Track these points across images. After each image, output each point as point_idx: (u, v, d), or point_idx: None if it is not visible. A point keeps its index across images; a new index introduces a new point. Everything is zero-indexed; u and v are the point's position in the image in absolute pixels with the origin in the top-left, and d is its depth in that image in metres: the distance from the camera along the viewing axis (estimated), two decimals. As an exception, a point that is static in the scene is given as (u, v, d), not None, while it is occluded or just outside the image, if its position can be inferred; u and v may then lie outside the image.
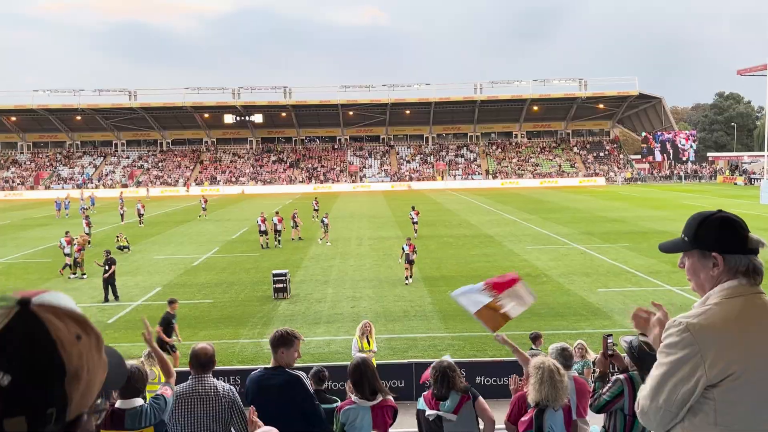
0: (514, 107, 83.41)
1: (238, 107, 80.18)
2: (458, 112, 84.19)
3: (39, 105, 78.79)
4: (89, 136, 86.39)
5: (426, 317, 17.20)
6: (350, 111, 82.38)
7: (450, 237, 31.93)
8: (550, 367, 4.47)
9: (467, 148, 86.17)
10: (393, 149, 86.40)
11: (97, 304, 19.34)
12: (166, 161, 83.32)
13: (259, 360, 13.75)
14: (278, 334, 4.77)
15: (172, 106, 79.90)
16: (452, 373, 5.08)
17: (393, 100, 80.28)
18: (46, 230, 38.65)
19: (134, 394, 4.09)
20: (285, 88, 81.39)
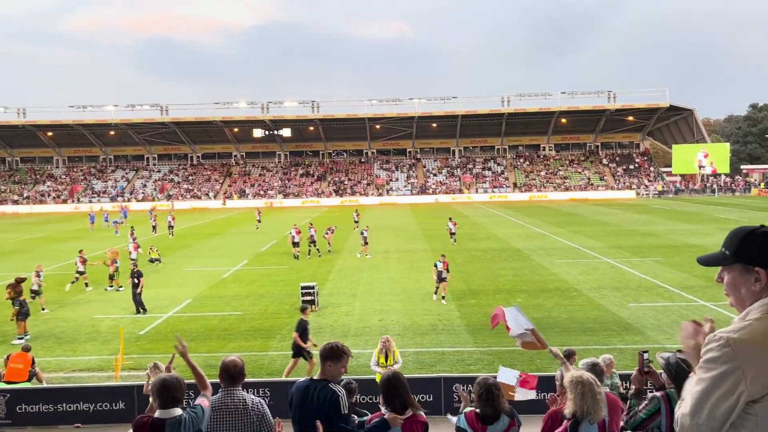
0: (542, 120, 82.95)
1: (266, 121, 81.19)
2: (485, 125, 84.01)
3: (74, 120, 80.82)
4: (122, 151, 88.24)
5: (454, 331, 17.10)
6: (377, 124, 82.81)
7: (477, 251, 31.75)
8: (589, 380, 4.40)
9: (494, 161, 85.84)
10: (420, 162, 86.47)
11: (129, 315, 19.65)
12: (196, 175, 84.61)
13: (287, 372, 13.81)
14: (328, 347, 4.75)
15: (203, 120, 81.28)
16: (497, 392, 4.88)
17: (420, 114, 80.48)
18: (80, 243, 39.42)
19: (173, 404, 4.15)
20: (313, 103, 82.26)
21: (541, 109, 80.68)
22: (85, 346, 16.60)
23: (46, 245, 38.64)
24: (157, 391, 4.14)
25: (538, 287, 22.50)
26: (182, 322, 18.79)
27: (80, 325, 18.69)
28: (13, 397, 11.88)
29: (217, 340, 16.71)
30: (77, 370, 14.68)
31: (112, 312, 20.34)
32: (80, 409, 11.66)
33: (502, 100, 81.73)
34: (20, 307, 17.46)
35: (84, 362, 15.20)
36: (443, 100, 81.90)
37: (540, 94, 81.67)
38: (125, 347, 15.12)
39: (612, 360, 9.24)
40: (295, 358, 13.62)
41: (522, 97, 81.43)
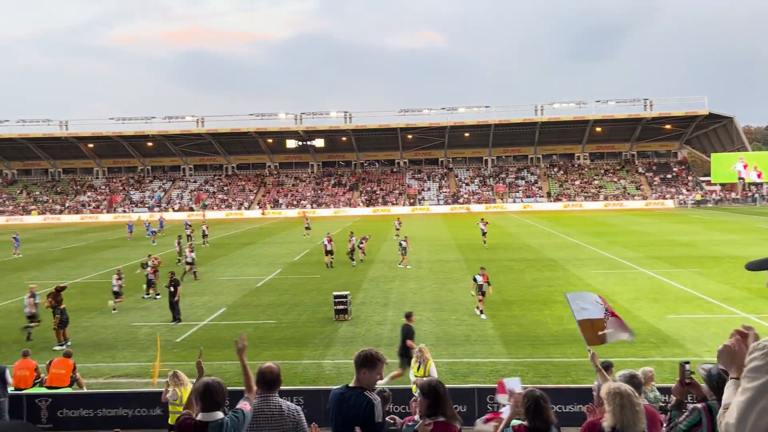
0: (576, 129, 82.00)
1: (300, 132, 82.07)
2: (518, 134, 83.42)
3: (114, 132, 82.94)
4: (159, 162, 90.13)
5: (488, 342, 16.96)
6: (409, 134, 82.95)
7: (511, 261, 31.46)
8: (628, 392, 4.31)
9: (528, 170, 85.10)
10: (452, 172, 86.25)
11: (166, 323, 20.00)
12: (231, 185, 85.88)
13: (320, 381, 13.88)
14: (363, 354, 4.75)
15: (238, 131, 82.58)
16: (546, 404, 4.76)
17: (452, 123, 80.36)
18: (119, 251, 40.38)
19: (215, 407, 4.23)
20: (345, 113, 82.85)
21: (575, 118, 79.80)
22: (123, 353, 16.95)
23: (86, 254, 39.62)
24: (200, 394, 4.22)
25: (573, 298, 22.16)
26: (218, 330, 19.04)
27: (119, 333, 19.09)
28: (55, 402, 12.19)
29: (251, 348, 16.80)
30: (116, 376, 14.99)
31: (149, 320, 20.73)
32: (119, 415, 11.90)
33: (536, 108, 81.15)
34: (60, 315, 17.92)
35: (122, 368, 15.52)
36: (476, 109, 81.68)
37: (574, 102, 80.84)
38: (162, 354, 15.38)
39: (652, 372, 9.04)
40: (402, 367, 13.70)
41: (556, 106, 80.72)
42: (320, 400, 11.10)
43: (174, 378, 10.65)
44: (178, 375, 10.71)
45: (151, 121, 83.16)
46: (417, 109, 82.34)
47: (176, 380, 10.62)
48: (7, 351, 16.51)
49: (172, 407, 10.54)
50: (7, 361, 13.76)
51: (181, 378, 10.66)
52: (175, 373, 10.77)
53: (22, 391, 12.47)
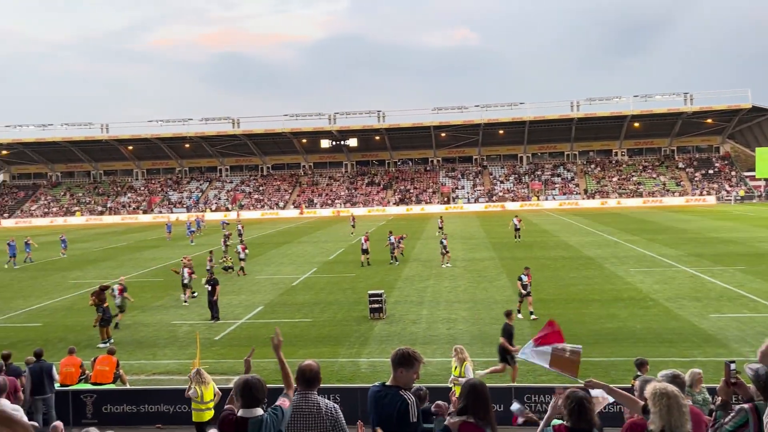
0: (614, 124, 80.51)
1: (333, 132, 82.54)
2: (554, 131, 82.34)
3: (152, 134, 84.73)
4: (196, 163, 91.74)
5: (524, 341, 16.71)
6: (442, 132, 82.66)
7: (547, 259, 31.10)
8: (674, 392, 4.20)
9: (564, 167, 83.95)
10: (486, 170, 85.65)
11: (205, 321, 20.36)
12: (266, 185, 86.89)
13: (356, 379, 13.96)
14: (400, 353, 4.73)
15: (272, 132, 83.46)
16: (590, 405, 4.64)
17: (486, 121, 79.78)
18: (158, 251, 41.25)
19: (255, 404, 4.30)
20: (379, 113, 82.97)
21: (612, 114, 78.37)
22: (164, 350, 17.31)
23: (127, 254, 40.57)
24: (240, 391, 4.29)
25: (612, 296, 21.82)
26: (255, 328, 19.30)
27: (159, 331, 19.51)
28: (100, 397, 12.53)
29: (288, 346, 17.02)
30: (157, 373, 15.32)
31: (189, 318, 21.13)
32: (161, 411, 12.15)
33: (572, 104, 79.97)
34: (103, 314, 18.39)
35: (163, 366, 15.85)
36: (510, 106, 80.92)
37: (611, 97, 79.38)
38: (201, 352, 15.65)
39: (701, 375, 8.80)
40: (503, 362, 13.65)
41: (592, 101, 79.42)
42: (356, 398, 11.17)
43: (197, 376, 10.85)
44: (200, 373, 10.90)
45: (188, 123, 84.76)
46: (450, 107, 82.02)
47: (199, 378, 10.82)
48: (54, 349, 17.02)
49: (195, 404, 10.76)
50: (53, 359, 14.20)
51: (203, 376, 10.85)
52: (198, 371, 10.96)
53: (68, 387, 12.85)
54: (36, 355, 12.29)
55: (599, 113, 78.57)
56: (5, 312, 23.09)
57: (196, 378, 10.81)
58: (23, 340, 18.57)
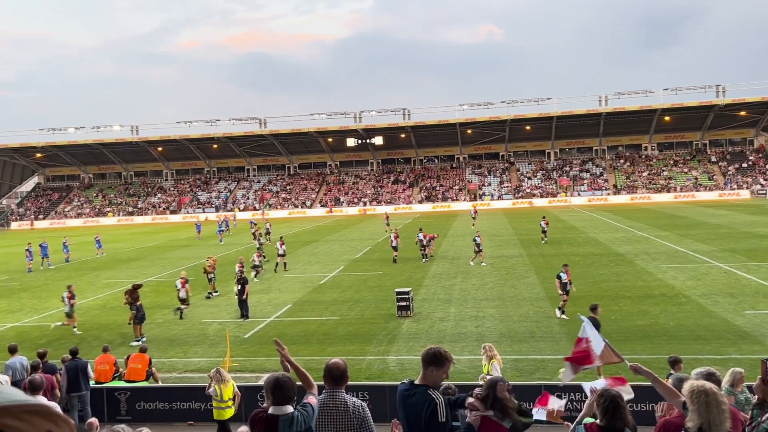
0: (643, 118, 79.16)
1: (359, 131, 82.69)
2: (582, 126, 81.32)
3: (181, 135, 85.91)
4: (224, 163, 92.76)
5: (554, 338, 16.65)
6: (468, 129, 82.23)
7: (576, 255, 30.74)
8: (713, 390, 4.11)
9: (592, 163, 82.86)
10: (513, 166, 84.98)
11: (234, 320, 20.59)
12: (293, 184, 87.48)
13: (385, 377, 13.98)
14: (432, 351, 4.72)
15: (299, 131, 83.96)
16: (623, 404, 4.63)
17: (512, 117, 79.12)
18: (188, 251, 41.82)
19: (286, 401, 4.34)
20: (404, 110, 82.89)
21: (641, 107, 77.05)
22: (195, 348, 17.56)
23: (158, 253, 41.22)
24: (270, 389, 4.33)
25: (643, 293, 21.48)
26: (284, 326, 19.46)
27: (190, 329, 19.79)
28: (133, 394, 12.77)
29: (316, 344, 17.18)
30: (189, 371, 15.54)
31: (218, 316, 21.39)
32: (192, 408, 12.33)
33: (600, 99, 78.87)
34: (137, 312, 18.72)
35: (194, 364, 16.08)
36: (537, 101, 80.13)
37: (640, 91, 78.07)
38: (231, 350, 15.85)
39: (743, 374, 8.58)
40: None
41: (621, 95, 78.24)
42: (385, 396, 11.20)
43: (217, 375, 10.99)
44: (220, 372, 11.04)
45: (216, 124, 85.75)
46: (476, 104, 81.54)
47: (219, 377, 10.96)
48: (88, 347, 17.39)
49: (215, 403, 10.90)
50: (88, 356, 14.53)
51: (223, 375, 10.98)
52: (217, 370, 11.11)
53: (102, 384, 13.13)
54: (71, 353, 12.58)
55: (628, 107, 77.34)
56: (41, 311, 23.66)
57: (216, 376, 10.96)
58: (59, 339, 19.01)
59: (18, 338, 17.96)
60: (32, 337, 19.31)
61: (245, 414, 11.92)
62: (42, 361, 12.24)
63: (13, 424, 0.91)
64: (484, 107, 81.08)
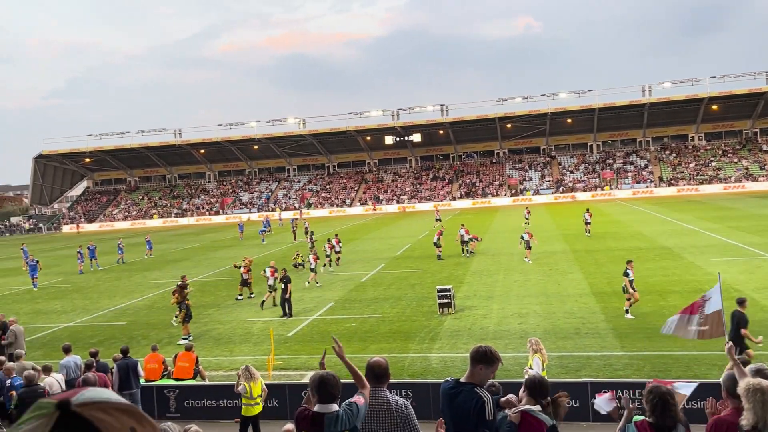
0: (689, 108, 76.89)
1: (397, 128, 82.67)
2: (625, 117, 79.48)
3: (222, 138, 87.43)
4: (265, 164, 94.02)
5: (599, 335, 16.33)
6: (508, 124, 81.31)
7: (621, 250, 30.07)
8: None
9: (637, 155, 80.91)
10: (554, 160, 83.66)
11: (277, 318, 20.85)
12: (333, 183, 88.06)
13: (428, 374, 13.94)
14: (482, 350, 4.69)
15: (337, 131, 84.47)
16: (673, 401, 4.56)
17: (553, 110, 77.90)
18: (232, 251, 42.54)
19: (331, 399, 4.38)
20: (442, 106, 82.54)
21: (687, 97, 74.84)
22: (240, 347, 17.85)
23: (203, 254, 42.06)
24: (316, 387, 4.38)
25: (692, 288, 20.87)
26: (326, 325, 19.61)
27: (235, 328, 20.14)
28: (182, 392, 13.06)
29: (359, 342, 17.25)
30: (234, 369, 15.79)
31: (262, 315, 21.69)
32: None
33: (643, 89, 76.96)
34: (186, 310, 19.12)
35: (240, 362, 16.31)
36: (578, 93, 78.69)
37: (686, 80, 75.84)
38: (275, 348, 16.06)
39: None
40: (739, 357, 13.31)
41: (665, 85, 76.15)
42: (428, 394, 11.17)
43: (246, 372, 11.13)
44: (249, 370, 11.17)
45: (256, 125, 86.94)
46: (515, 98, 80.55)
47: (247, 374, 11.10)
48: (138, 346, 17.86)
49: (244, 400, 11.05)
50: (138, 355, 14.92)
51: (252, 373, 11.11)
52: (246, 368, 11.24)
53: (152, 382, 13.47)
54: (122, 352, 12.94)
55: (673, 97, 75.26)
56: (92, 311, 24.42)
57: (245, 374, 11.11)
58: (110, 338, 19.58)
59: (71, 338, 18.57)
60: (84, 337, 19.94)
61: (290, 411, 12.07)
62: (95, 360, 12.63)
63: (101, 417, 1.00)
64: (523, 101, 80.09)
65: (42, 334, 20.88)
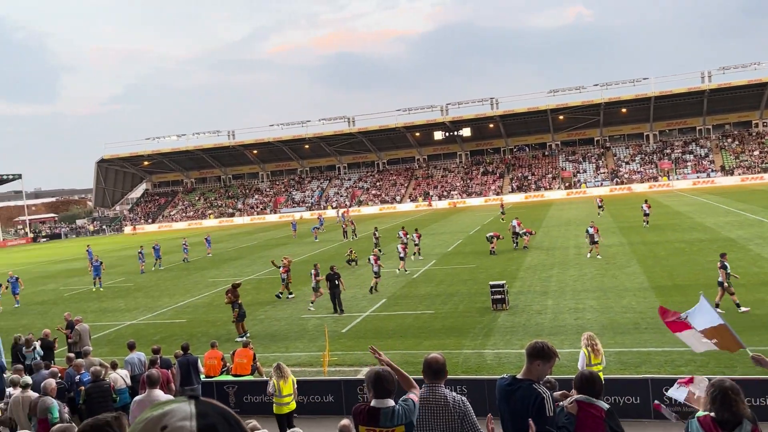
0: (753, 93, 73.55)
1: (446, 123, 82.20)
2: (683, 105, 76.72)
3: (274, 138, 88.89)
4: (316, 162, 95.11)
5: (659, 330, 15.80)
6: (560, 115, 79.68)
7: (681, 242, 29.11)
8: None
9: (696, 144, 78.01)
10: (609, 151, 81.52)
11: (331, 315, 21.09)
12: (383, 180, 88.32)
13: (483, 370, 13.85)
14: (539, 346, 4.68)
15: (386, 128, 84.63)
16: (735, 396, 4.44)
17: (606, 100, 75.91)
18: (286, 249, 43.23)
19: (387, 395, 4.42)
20: (491, 99, 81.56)
21: (750, 81, 71.59)
22: (295, 343, 18.15)
23: (257, 252, 42.91)
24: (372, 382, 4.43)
25: (759, 280, 20.04)
26: (379, 321, 19.72)
27: (290, 324, 20.47)
28: (240, 388, 13.38)
29: (412, 338, 17.29)
30: (290, 365, 16.02)
31: (316, 312, 21.98)
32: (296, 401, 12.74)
33: (702, 75, 74.16)
34: (239, 309, 19.56)
35: (295, 358, 16.62)
36: (632, 82, 76.39)
37: (747, 64, 72.54)
38: (330, 344, 16.25)
39: None
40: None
41: (726, 70, 73.07)
42: (483, 390, 11.08)
43: (277, 370, 11.23)
44: (281, 367, 11.28)
45: (307, 125, 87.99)
46: (567, 88, 78.83)
47: (278, 373, 11.20)
48: (197, 342, 18.38)
49: (275, 398, 11.17)
50: (198, 352, 15.35)
51: (283, 371, 11.20)
52: (278, 366, 11.34)
53: (212, 378, 13.84)
54: (183, 348, 13.34)
55: (735, 82, 72.16)
56: (154, 309, 25.27)
57: (276, 373, 11.23)
58: (171, 335, 20.23)
59: (134, 335, 19.28)
60: (147, 334, 20.65)
61: (345, 407, 12.20)
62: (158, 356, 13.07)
63: (223, 406, 1.21)
64: (575, 92, 78.33)
65: (107, 332, 21.74)
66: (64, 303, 28.62)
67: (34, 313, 26.93)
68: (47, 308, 27.94)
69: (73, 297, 30.79)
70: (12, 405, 10.21)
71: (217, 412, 1.15)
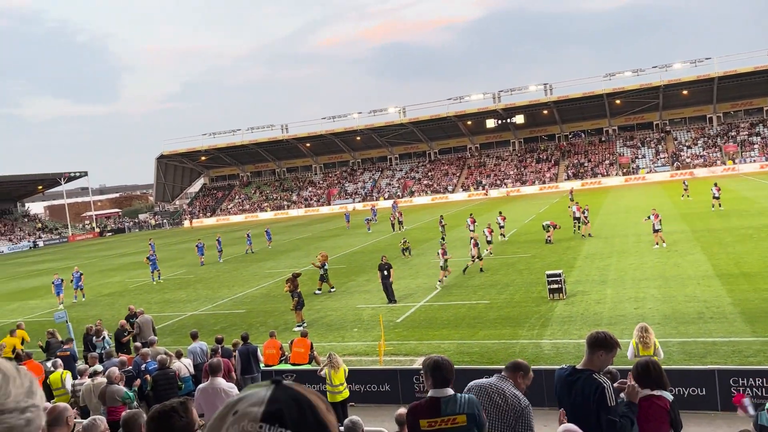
0: (825, 69, 69.51)
1: (498, 111, 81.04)
2: (749, 85, 73.18)
3: (326, 131, 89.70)
4: (367, 154, 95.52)
5: (726, 319, 15.28)
6: (617, 99, 77.35)
7: (749, 228, 27.91)
8: None
9: (764, 125, 74.39)
10: (669, 135, 78.69)
11: (385, 305, 21.22)
12: (435, 170, 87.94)
13: (540, 360, 13.68)
14: (601, 335, 4.61)
15: (437, 117, 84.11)
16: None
17: (666, 82, 73.19)
18: (339, 240, 43.70)
19: (446, 383, 4.43)
20: (545, 85, 79.91)
21: (823, 57, 67.73)
22: (351, 332, 18.36)
23: (312, 243, 43.51)
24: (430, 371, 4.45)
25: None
26: (434, 311, 19.72)
27: (346, 314, 20.71)
28: (299, 377, 13.63)
29: (467, 328, 17.22)
30: (346, 354, 16.26)
31: (371, 302, 22.15)
32: (353, 390, 12.89)
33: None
34: (298, 298, 19.93)
35: (351, 347, 16.82)
36: (694, 63, 73.40)
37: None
38: (385, 334, 16.36)
39: None
40: None
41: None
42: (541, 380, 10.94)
43: (329, 360, 11.37)
44: (332, 358, 11.41)
45: (358, 117, 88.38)
46: (624, 71, 76.41)
47: (330, 362, 11.32)
48: (256, 332, 18.82)
49: (327, 387, 11.32)
50: (257, 341, 15.73)
51: (334, 361, 11.31)
52: (330, 355, 11.49)
53: (271, 367, 14.17)
54: (243, 338, 13.71)
55: (806, 58, 68.37)
56: (214, 300, 26.00)
57: (328, 362, 11.38)
58: (231, 325, 20.78)
59: (196, 325, 19.90)
60: (208, 324, 21.29)
61: (402, 396, 12.29)
62: (219, 345, 13.48)
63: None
64: (633, 75, 75.85)
65: (170, 322, 22.52)
66: (130, 294, 29.80)
67: (103, 305, 28.16)
68: (114, 299, 29.15)
69: (138, 288, 32.01)
70: (84, 392, 10.75)
71: (290, 396, 1.17)
